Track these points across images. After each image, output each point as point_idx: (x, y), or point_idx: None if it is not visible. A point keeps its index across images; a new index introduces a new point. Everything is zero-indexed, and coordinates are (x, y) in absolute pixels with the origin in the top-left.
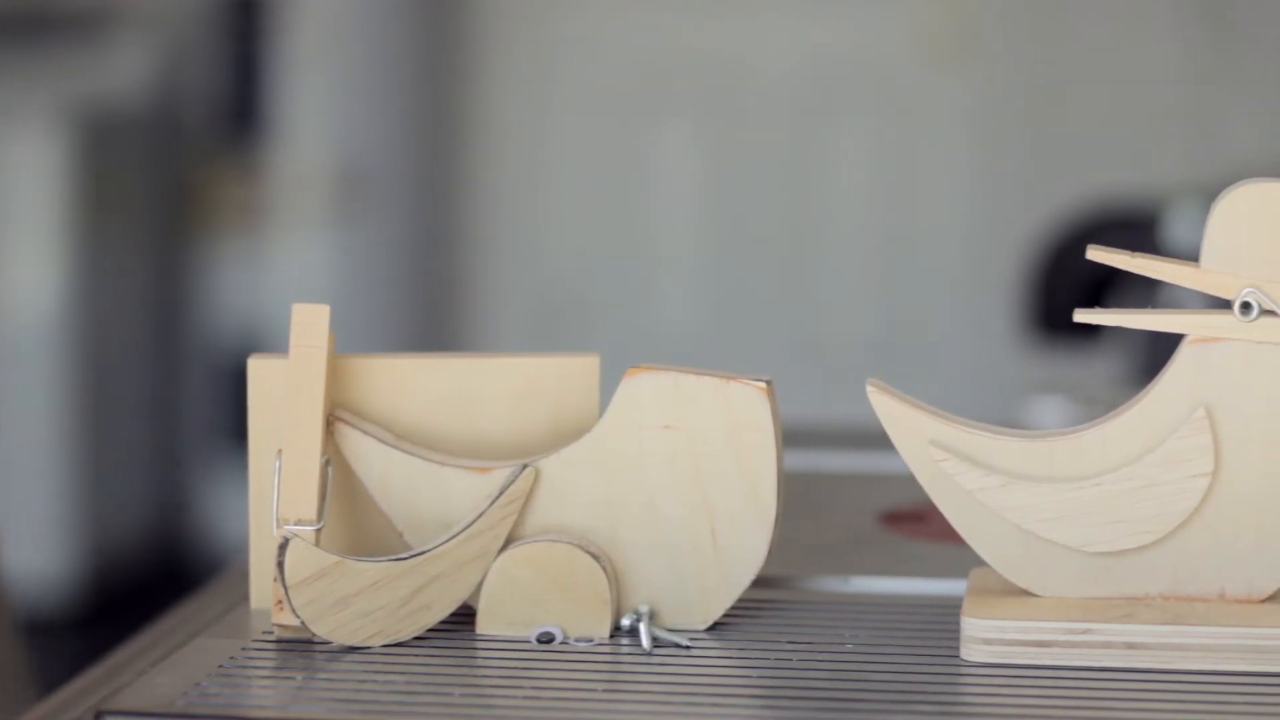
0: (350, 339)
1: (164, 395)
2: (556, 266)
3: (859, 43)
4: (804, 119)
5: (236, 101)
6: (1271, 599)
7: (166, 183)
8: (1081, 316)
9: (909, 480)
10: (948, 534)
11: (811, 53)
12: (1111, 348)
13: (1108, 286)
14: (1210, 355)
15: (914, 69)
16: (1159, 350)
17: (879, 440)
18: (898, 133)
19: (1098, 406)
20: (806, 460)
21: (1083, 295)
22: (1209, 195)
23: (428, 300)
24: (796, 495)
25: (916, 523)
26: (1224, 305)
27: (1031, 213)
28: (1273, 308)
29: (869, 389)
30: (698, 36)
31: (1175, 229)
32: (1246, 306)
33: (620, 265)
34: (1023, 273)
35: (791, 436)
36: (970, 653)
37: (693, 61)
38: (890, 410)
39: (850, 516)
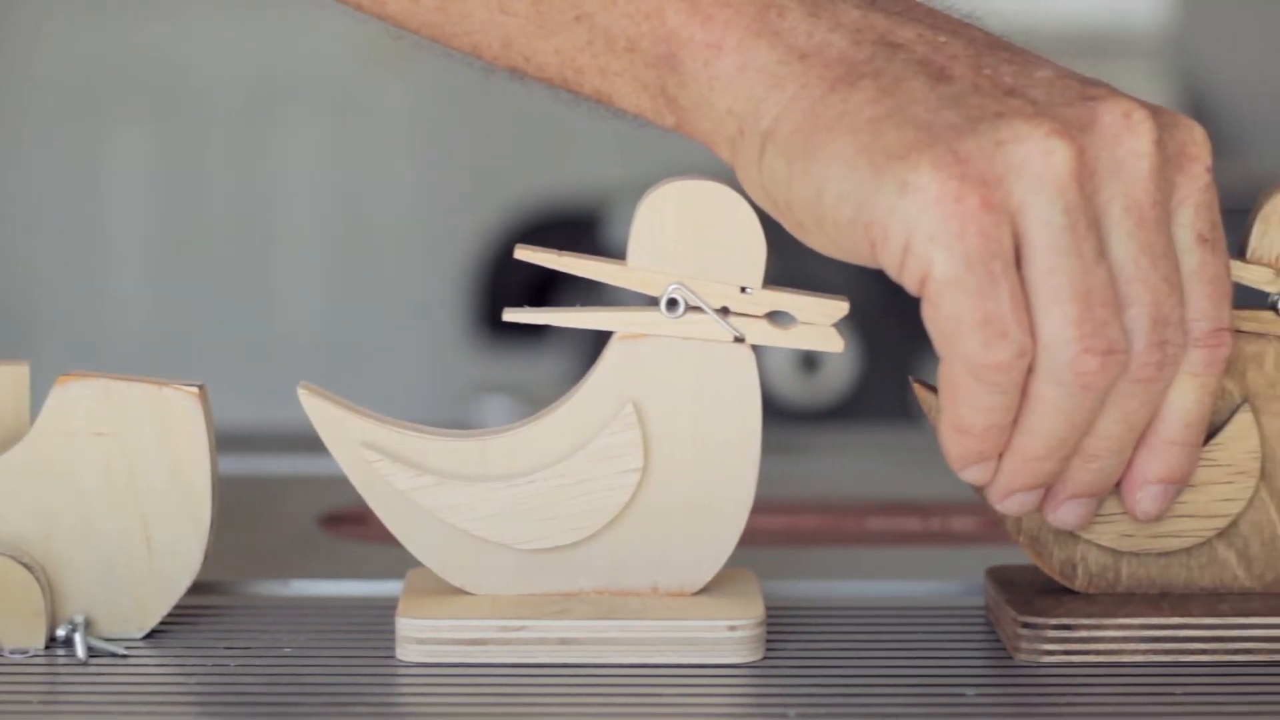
0: None
1: None
2: (4, 274)
3: (301, 42)
4: (250, 119)
5: None
6: (702, 593)
7: None
8: (510, 316)
9: (348, 483)
10: (387, 536)
11: (255, 52)
12: (559, 347)
13: (554, 285)
14: (638, 351)
15: (357, 68)
16: (603, 348)
17: (318, 443)
18: (344, 132)
19: (543, 405)
20: (248, 464)
21: (528, 294)
22: None
23: None
24: (236, 499)
25: (355, 525)
26: (656, 303)
27: (479, 212)
28: (699, 304)
29: (300, 392)
30: (139, 37)
31: (619, 228)
32: (673, 303)
33: (69, 271)
34: (471, 272)
35: (234, 441)
36: (406, 653)
37: (136, 61)
38: (321, 412)
39: (290, 520)
